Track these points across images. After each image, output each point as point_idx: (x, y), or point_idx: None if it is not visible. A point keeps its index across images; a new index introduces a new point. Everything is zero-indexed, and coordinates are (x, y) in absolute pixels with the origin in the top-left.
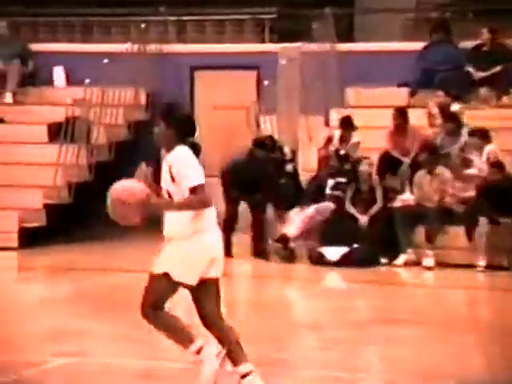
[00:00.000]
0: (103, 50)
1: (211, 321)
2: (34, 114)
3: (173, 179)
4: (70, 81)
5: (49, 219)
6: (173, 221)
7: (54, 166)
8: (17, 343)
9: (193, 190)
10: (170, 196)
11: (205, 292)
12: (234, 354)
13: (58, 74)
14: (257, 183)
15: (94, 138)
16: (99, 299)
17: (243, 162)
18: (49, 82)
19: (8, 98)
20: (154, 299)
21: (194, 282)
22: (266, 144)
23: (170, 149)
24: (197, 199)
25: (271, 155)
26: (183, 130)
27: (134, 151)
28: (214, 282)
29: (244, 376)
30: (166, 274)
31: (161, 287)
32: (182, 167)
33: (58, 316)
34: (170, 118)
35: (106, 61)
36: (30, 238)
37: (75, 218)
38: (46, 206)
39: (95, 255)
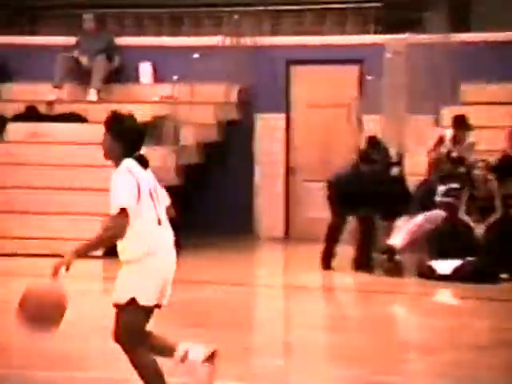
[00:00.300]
0: (193, 44)
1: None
2: None
3: None
4: (158, 77)
5: None
6: (120, 246)
7: None
8: (101, 358)
9: (117, 214)
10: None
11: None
12: (163, 351)
13: (145, 69)
14: (363, 197)
15: (183, 139)
16: (189, 314)
17: (348, 176)
18: (135, 78)
19: (92, 95)
20: (132, 333)
21: (156, 301)
22: (371, 157)
23: (117, 162)
24: (105, 234)
25: (377, 169)
26: (129, 142)
27: (225, 153)
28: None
29: (183, 359)
30: (133, 300)
31: (134, 315)
32: (113, 186)
33: None
34: (115, 130)
35: (195, 55)
36: (114, 246)
37: None
38: None
39: (183, 266)
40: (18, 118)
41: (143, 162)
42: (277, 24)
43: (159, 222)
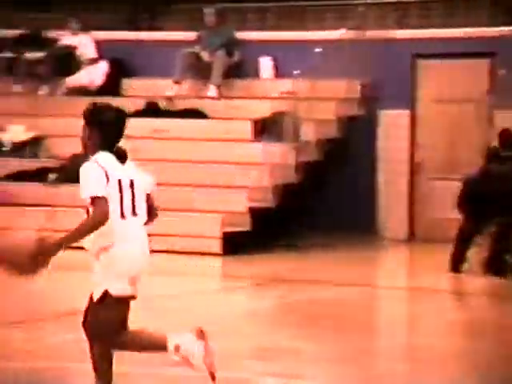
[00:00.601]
0: (315, 38)
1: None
2: (239, 108)
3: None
4: (278, 72)
5: (253, 224)
6: (90, 238)
7: (259, 166)
8: (219, 358)
9: (90, 203)
10: (87, 210)
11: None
12: (156, 347)
13: (265, 64)
14: (494, 199)
15: (303, 135)
16: (308, 315)
17: (478, 177)
18: (255, 73)
19: (212, 91)
20: (112, 327)
21: (135, 292)
22: (502, 155)
23: (94, 154)
24: (87, 222)
25: (509, 167)
26: (109, 135)
27: (346, 150)
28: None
29: (176, 349)
30: (105, 294)
31: (109, 311)
32: (84, 177)
33: (263, 331)
34: (94, 122)
35: (317, 50)
36: (233, 244)
37: (281, 224)
38: (250, 209)
39: (303, 265)
40: (139, 113)
41: (120, 156)
42: (403, 16)
43: (123, 215)
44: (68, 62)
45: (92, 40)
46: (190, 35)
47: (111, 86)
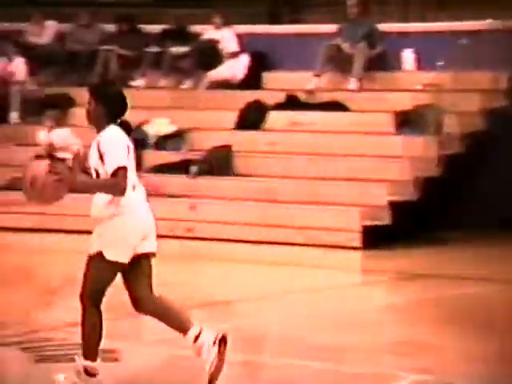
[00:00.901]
0: (459, 29)
1: (143, 304)
2: (380, 101)
3: (101, 158)
4: (421, 64)
5: (393, 218)
6: (96, 202)
7: (400, 159)
8: (359, 352)
9: (113, 173)
10: (97, 174)
11: (136, 271)
12: (177, 324)
13: (407, 56)
14: None
15: (445, 128)
16: (449, 311)
17: None
18: (397, 65)
19: (352, 83)
20: (94, 285)
21: (126, 259)
22: None
23: (100, 128)
24: (110, 183)
25: None
26: (114, 108)
27: (490, 143)
28: (147, 259)
29: (196, 339)
30: (100, 254)
31: (98, 268)
32: (108, 148)
33: (403, 326)
34: (99, 96)
35: (463, 41)
36: (373, 238)
37: (422, 218)
38: (390, 202)
39: (444, 260)
40: (279, 106)
41: (126, 128)
42: None
43: (133, 188)
44: (211, 55)
45: (234, 34)
46: (332, 28)
47: (252, 79)
